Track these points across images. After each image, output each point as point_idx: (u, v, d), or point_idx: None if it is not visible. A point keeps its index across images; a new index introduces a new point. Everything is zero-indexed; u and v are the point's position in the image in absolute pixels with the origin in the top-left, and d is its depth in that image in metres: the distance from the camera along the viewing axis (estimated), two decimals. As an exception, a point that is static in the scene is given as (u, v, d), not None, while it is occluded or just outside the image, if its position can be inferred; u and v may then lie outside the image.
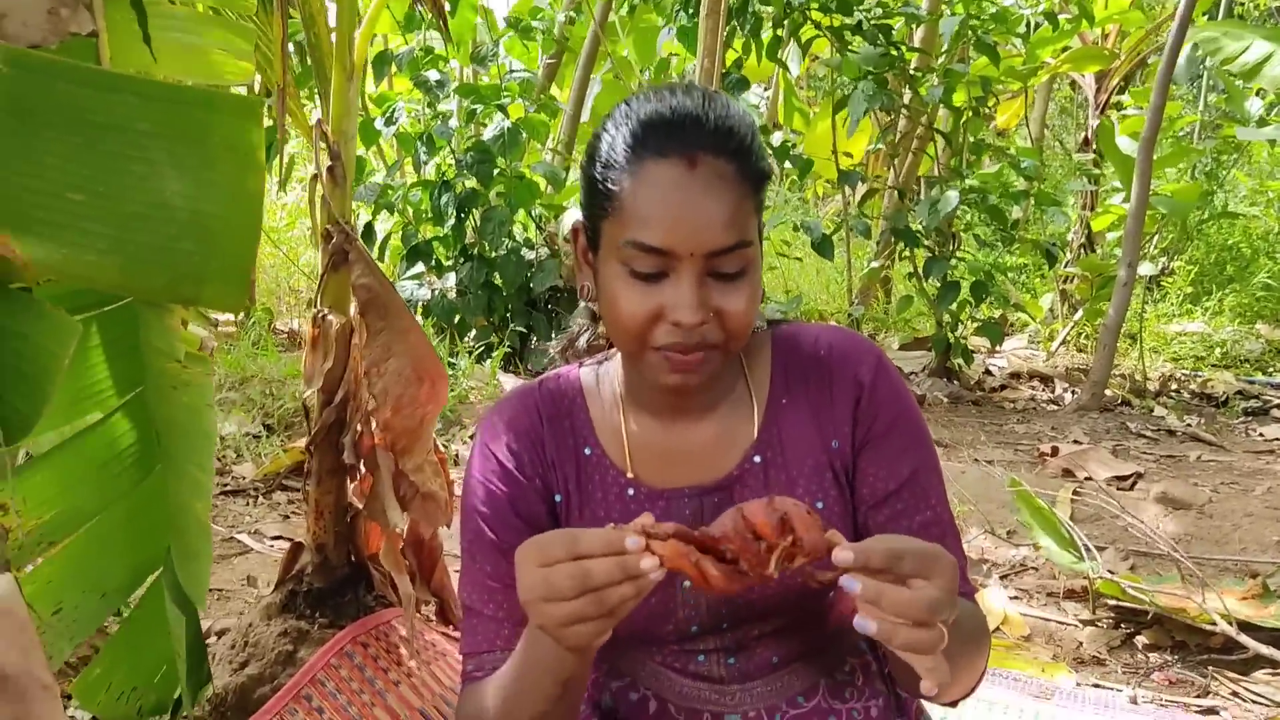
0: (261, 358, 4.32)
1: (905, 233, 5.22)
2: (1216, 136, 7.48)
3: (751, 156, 1.03)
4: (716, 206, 0.99)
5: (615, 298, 1.03)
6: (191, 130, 1.42)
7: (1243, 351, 6.39)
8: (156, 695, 1.86)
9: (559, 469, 1.15)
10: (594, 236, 1.07)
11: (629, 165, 1.01)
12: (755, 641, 1.16)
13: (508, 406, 1.18)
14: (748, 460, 1.14)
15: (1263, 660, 2.35)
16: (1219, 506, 3.43)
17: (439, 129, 4.69)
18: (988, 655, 1.13)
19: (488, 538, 1.12)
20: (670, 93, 1.05)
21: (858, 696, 1.19)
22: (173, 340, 1.76)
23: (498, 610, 1.12)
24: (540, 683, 1.00)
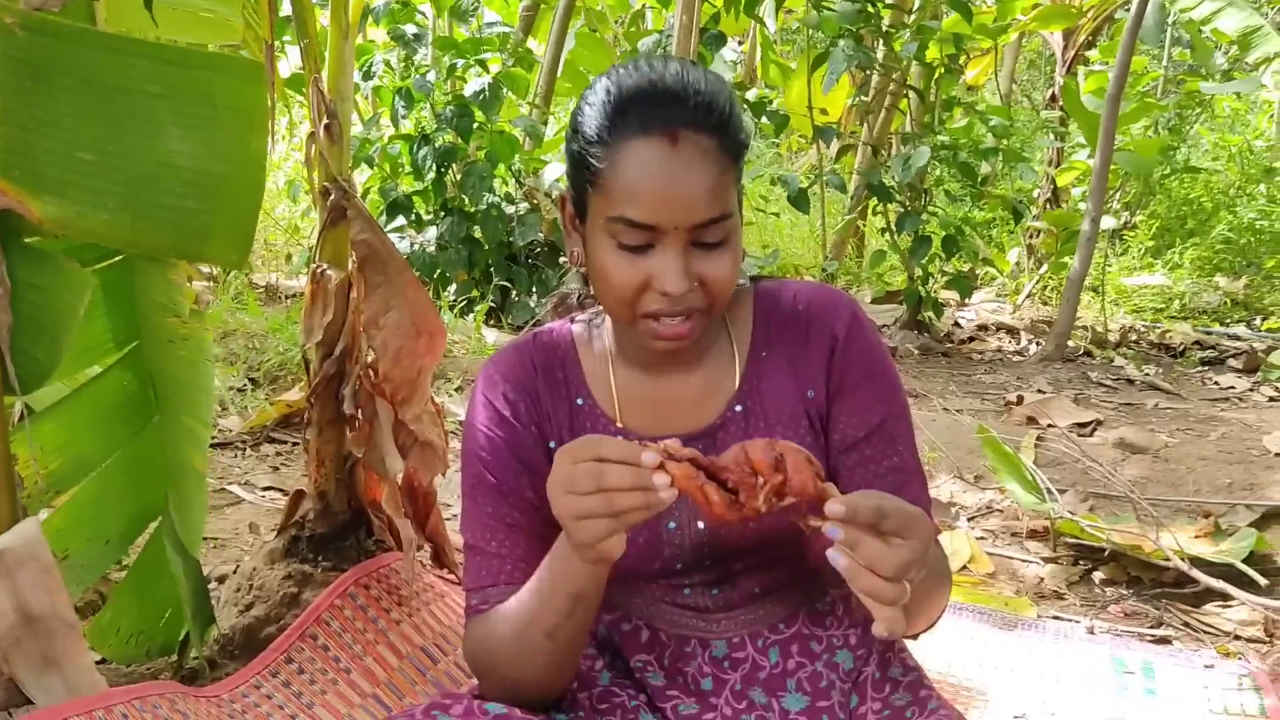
0: (242, 312, 4.35)
1: (879, 188, 5.31)
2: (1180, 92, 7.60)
3: (730, 129, 1.09)
4: (699, 181, 1.05)
5: (605, 269, 1.09)
6: (197, 92, 1.48)
7: (1201, 303, 6.56)
8: (163, 637, 1.94)
9: (553, 418, 1.23)
10: (580, 206, 1.13)
11: (613, 142, 1.06)
12: (737, 575, 1.24)
13: (504, 359, 1.26)
14: (729, 410, 1.22)
15: (1213, 594, 2.49)
16: (1175, 451, 3.58)
17: (418, 83, 4.70)
18: (949, 592, 1.21)
19: (488, 481, 1.20)
20: (650, 67, 1.10)
21: (838, 625, 1.27)
22: (175, 295, 1.82)
23: (500, 547, 1.20)
24: (554, 595, 1.08)
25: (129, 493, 1.85)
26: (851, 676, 1.26)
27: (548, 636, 1.10)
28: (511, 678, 1.16)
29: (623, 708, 1.24)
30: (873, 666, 1.26)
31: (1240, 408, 4.47)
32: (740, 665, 1.24)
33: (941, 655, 2.19)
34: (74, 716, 1.39)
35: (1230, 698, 2.06)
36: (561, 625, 1.09)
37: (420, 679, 1.86)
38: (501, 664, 1.16)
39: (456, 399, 3.81)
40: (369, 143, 5.09)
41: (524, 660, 1.14)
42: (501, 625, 1.15)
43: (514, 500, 1.20)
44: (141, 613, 1.92)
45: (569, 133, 1.13)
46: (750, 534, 1.21)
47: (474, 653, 1.20)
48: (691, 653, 1.25)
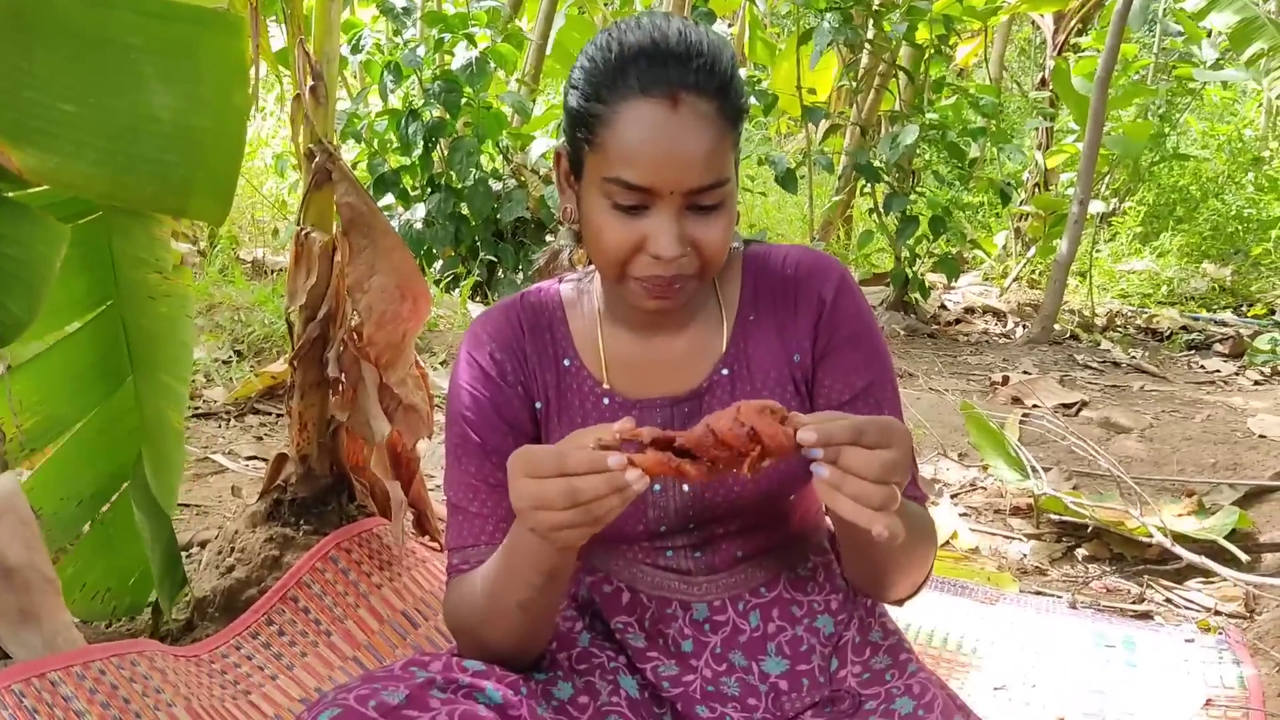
0: (229, 285, 4.33)
1: (866, 168, 5.31)
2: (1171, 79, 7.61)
3: (731, 94, 1.08)
4: (697, 145, 1.04)
5: (598, 228, 1.08)
6: (180, 46, 1.47)
7: (1188, 289, 6.59)
8: (131, 598, 1.94)
9: (539, 378, 1.23)
10: (576, 164, 1.12)
11: (611, 102, 1.05)
12: (720, 539, 1.24)
13: (491, 318, 1.25)
14: (716, 373, 1.22)
15: (1195, 570, 2.51)
16: (1159, 431, 3.60)
17: (406, 57, 4.67)
18: (934, 554, 1.22)
19: (473, 440, 1.20)
20: (654, 24, 1.08)
21: (818, 590, 1.27)
22: (158, 251, 1.81)
23: (482, 508, 1.19)
24: (525, 573, 1.08)
25: (103, 452, 1.84)
26: (832, 641, 1.26)
27: (520, 608, 1.10)
28: (486, 640, 1.16)
29: (602, 668, 1.24)
30: (853, 631, 1.26)
31: (1225, 391, 4.49)
32: (721, 628, 1.24)
33: (923, 627, 2.19)
34: (52, 671, 1.38)
35: (1210, 670, 2.07)
36: (534, 599, 1.09)
37: (401, 643, 1.85)
38: (476, 627, 1.16)
39: (441, 372, 3.80)
40: (356, 118, 5.06)
41: (497, 626, 1.14)
42: (476, 590, 1.15)
43: (497, 460, 1.18)
44: (108, 571, 1.91)
45: (568, 87, 1.12)
46: (734, 498, 1.21)
47: (452, 613, 1.21)
48: (672, 615, 1.25)
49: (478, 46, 4.85)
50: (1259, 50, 5.19)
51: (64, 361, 1.80)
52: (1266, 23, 5.25)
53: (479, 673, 1.12)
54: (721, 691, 1.22)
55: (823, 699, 1.22)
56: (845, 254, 6.44)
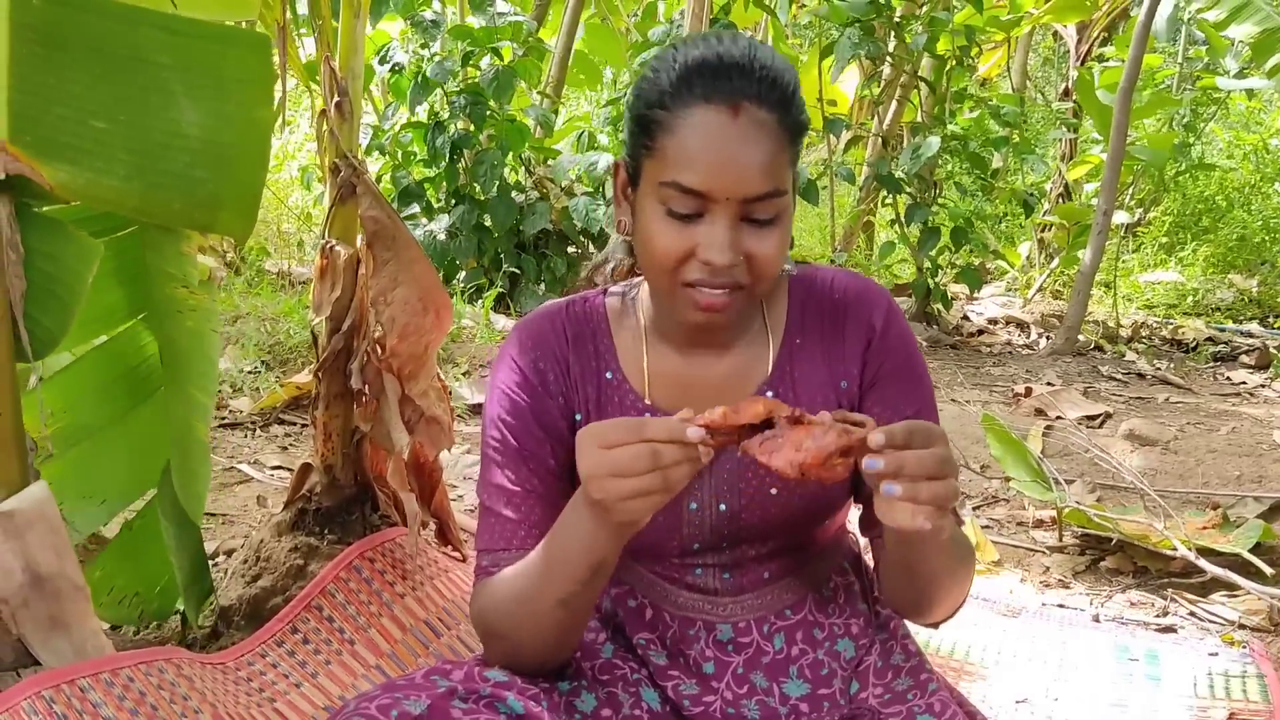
0: (255, 296, 4.38)
1: (888, 179, 5.30)
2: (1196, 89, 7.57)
3: (792, 108, 1.09)
4: (755, 154, 1.05)
5: (651, 234, 1.09)
6: (207, 63, 1.50)
7: (1214, 300, 6.54)
8: (157, 603, 1.95)
9: (580, 389, 1.22)
10: (634, 173, 1.13)
11: (674, 108, 1.06)
12: (751, 560, 1.24)
13: (536, 324, 1.24)
14: (760, 394, 1.21)
15: (1219, 584, 2.48)
16: (1184, 444, 3.57)
17: (433, 70, 4.71)
18: (972, 575, 1.22)
19: (510, 445, 1.20)
20: (719, 40, 1.10)
21: (839, 613, 1.28)
22: (185, 266, 1.83)
23: (515, 513, 1.19)
24: (572, 565, 1.07)
25: (129, 459, 1.86)
26: (852, 665, 1.26)
27: (561, 605, 1.10)
28: (518, 643, 1.15)
29: (624, 680, 1.24)
30: (874, 656, 1.26)
31: (1251, 403, 4.45)
32: (744, 649, 1.24)
33: (945, 640, 2.19)
34: (81, 678, 1.41)
35: (1234, 684, 2.05)
36: (577, 594, 1.09)
37: (423, 651, 1.87)
38: (509, 629, 1.15)
39: (464, 383, 3.82)
40: (381, 131, 5.11)
41: (533, 626, 1.13)
42: (511, 591, 1.14)
43: (534, 466, 1.19)
44: (135, 575, 1.93)
45: (630, 99, 1.14)
46: (770, 518, 1.21)
47: (481, 616, 1.20)
48: (695, 635, 1.25)
49: (503, 60, 4.89)
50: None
51: (95, 372, 1.83)
52: (1291, 33, 5.22)
53: (500, 683, 1.12)
54: (742, 714, 1.22)
55: (843, 718, 1.23)
56: (867, 265, 6.43)
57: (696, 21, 4.07)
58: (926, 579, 1.15)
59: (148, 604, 1.93)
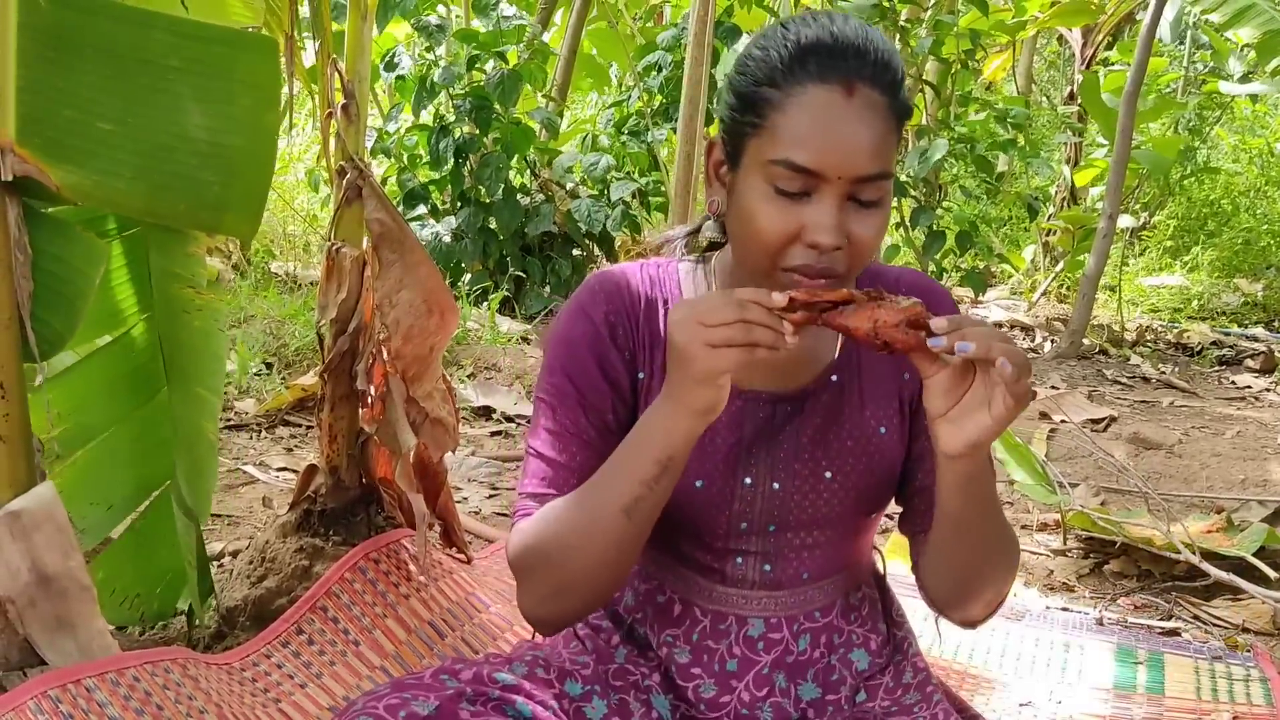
0: (261, 298, 4.39)
1: (893, 183, 5.30)
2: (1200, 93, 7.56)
3: (901, 91, 1.09)
4: (868, 134, 1.05)
5: (754, 213, 1.07)
6: (215, 67, 1.51)
7: (1219, 304, 6.53)
8: (159, 604, 1.96)
9: (647, 349, 1.21)
10: (735, 152, 1.11)
11: (786, 85, 1.05)
12: (792, 552, 1.23)
13: (610, 278, 1.23)
14: (825, 377, 1.21)
15: (1224, 587, 2.49)
16: (1189, 447, 3.57)
17: (439, 74, 4.73)
18: (1014, 576, 1.21)
19: (570, 391, 1.17)
20: (830, 19, 1.09)
21: (860, 623, 1.28)
22: (193, 266, 1.85)
23: (571, 460, 1.17)
24: (641, 462, 1.07)
25: (134, 460, 1.87)
26: (862, 677, 1.27)
27: (625, 513, 1.08)
28: (571, 569, 1.12)
29: (636, 686, 1.23)
30: (888, 677, 1.27)
31: (1256, 406, 4.45)
32: (774, 648, 1.24)
33: (950, 642, 2.19)
34: (87, 678, 1.41)
35: (1238, 688, 2.06)
36: (643, 498, 1.07)
37: (428, 653, 1.87)
38: (562, 552, 1.12)
39: (469, 385, 3.83)
40: (386, 134, 5.12)
41: (588, 545, 1.10)
42: (567, 510, 1.12)
43: (593, 418, 1.18)
44: (138, 576, 1.94)
45: (733, 75, 1.12)
46: (821, 506, 1.21)
47: (527, 548, 1.15)
48: (725, 630, 1.24)
49: (508, 64, 4.90)
50: (1285, 62, 5.16)
51: (100, 371, 1.84)
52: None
53: (509, 686, 1.11)
54: (755, 715, 1.23)
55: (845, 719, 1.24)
56: (872, 268, 6.43)
57: (700, 24, 4.08)
58: (974, 553, 1.14)
59: (149, 605, 1.93)
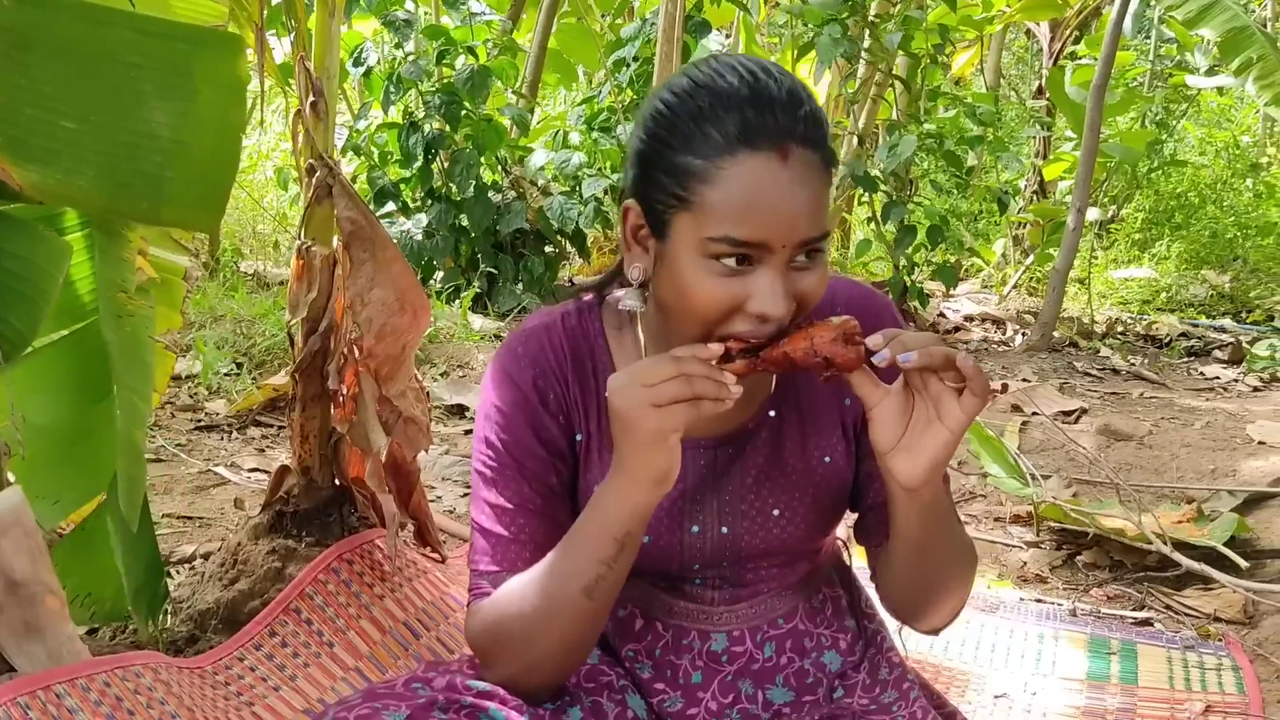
0: (231, 298, 4.35)
1: (864, 178, 5.32)
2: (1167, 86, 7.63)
3: (829, 143, 1.04)
4: (807, 198, 0.99)
5: (693, 289, 1.01)
6: (178, 64, 1.49)
7: (1187, 296, 6.60)
8: (111, 604, 1.92)
9: (581, 409, 1.17)
10: (659, 224, 1.04)
11: (715, 156, 0.98)
12: (750, 573, 1.23)
13: (531, 339, 1.18)
14: (763, 413, 1.19)
15: (1195, 577, 2.51)
16: (1159, 438, 3.60)
17: (408, 70, 4.69)
18: (973, 576, 1.21)
19: (509, 462, 1.14)
20: (749, 71, 1.01)
21: (827, 625, 1.28)
22: (124, 271, 1.80)
23: (520, 533, 1.14)
24: (597, 542, 1.05)
25: (79, 460, 1.83)
26: (835, 676, 1.26)
27: (585, 594, 1.06)
28: (534, 651, 1.10)
29: (610, 687, 1.22)
30: (863, 674, 1.26)
31: (1224, 397, 4.50)
32: (737, 659, 1.24)
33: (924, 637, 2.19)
34: (57, 683, 1.39)
35: (1210, 677, 2.08)
36: (604, 577, 1.05)
37: (403, 653, 1.86)
38: (525, 636, 1.10)
39: (442, 383, 3.81)
40: (357, 132, 5.08)
41: (551, 628, 1.08)
42: (526, 594, 1.09)
43: (536, 485, 1.15)
44: (87, 576, 1.89)
45: (645, 141, 1.04)
46: (772, 540, 1.20)
47: (486, 632, 1.13)
48: (688, 645, 1.23)
49: (478, 60, 4.88)
50: (1248, 59, 5.21)
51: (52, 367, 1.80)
52: (1256, 32, 5.28)
53: (483, 693, 1.09)
54: None
55: (822, 716, 1.23)
56: (843, 263, 6.45)
57: (670, 20, 4.07)
58: (937, 569, 1.14)
59: (100, 605, 1.89)
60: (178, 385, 3.57)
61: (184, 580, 2.12)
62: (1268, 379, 4.79)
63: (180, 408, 3.47)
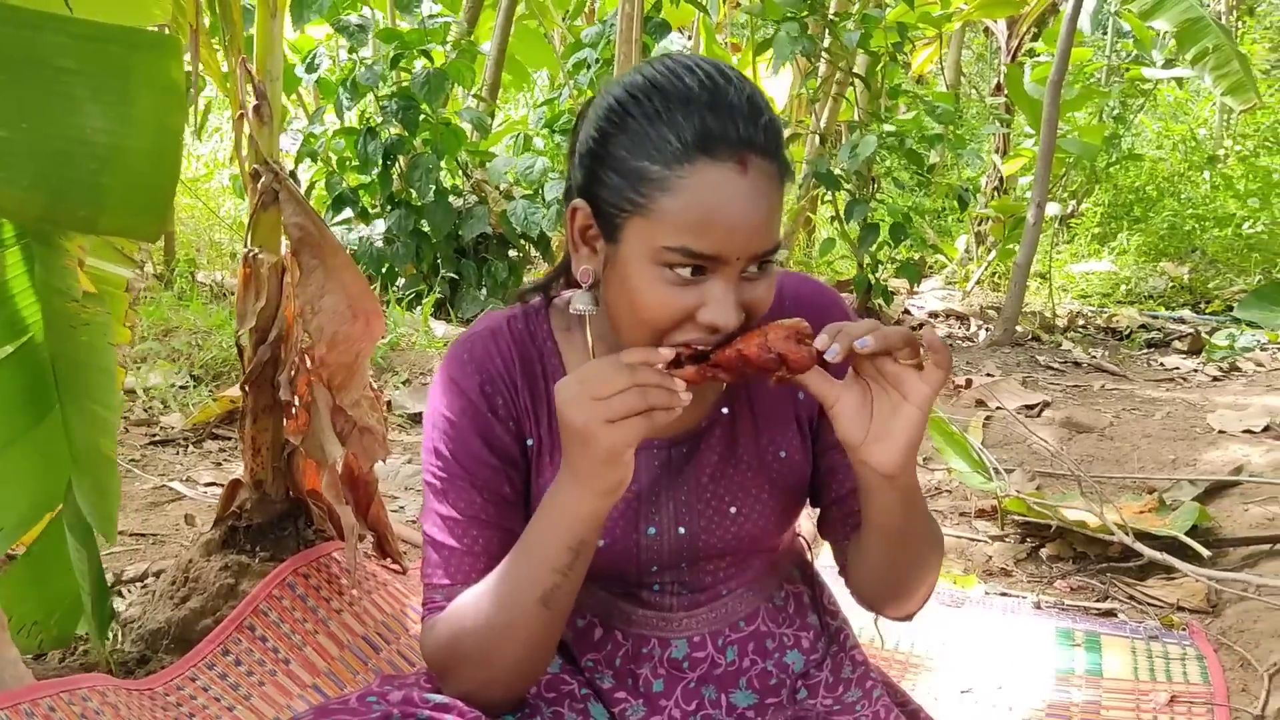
0: (185, 309, 4.28)
1: (826, 176, 5.33)
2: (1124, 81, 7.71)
3: (785, 153, 1.02)
4: (764, 209, 0.97)
5: (644, 297, 0.99)
6: (113, 68, 1.45)
7: (1147, 288, 6.67)
8: (58, 629, 1.88)
9: (532, 413, 1.15)
10: (610, 226, 1.02)
11: (673, 163, 0.96)
12: (709, 575, 1.22)
13: (477, 344, 1.16)
14: (716, 412, 1.17)
15: (1158, 567, 2.52)
16: (1120, 430, 3.62)
17: (363, 75, 4.64)
18: (940, 562, 1.19)
19: (459, 472, 1.12)
20: (708, 75, 0.98)
21: (789, 624, 1.26)
22: (69, 280, 1.76)
23: (473, 544, 1.12)
24: (551, 550, 1.02)
25: (27, 481, 1.78)
26: (799, 676, 1.25)
27: (542, 604, 1.04)
28: (492, 665, 1.08)
29: (571, 696, 1.20)
30: (826, 671, 1.25)
31: (1184, 387, 4.54)
32: (699, 665, 1.22)
33: (891, 632, 2.19)
34: (0, 710, 1.35)
35: (1174, 666, 2.08)
36: (559, 585, 1.03)
37: (362, 668, 1.83)
38: (482, 649, 1.08)
39: (404, 391, 3.77)
40: (313, 137, 5.02)
41: (510, 640, 1.06)
42: (481, 606, 1.07)
43: (487, 495, 1.13)
44: (37, 603, 1.85)
45: (594, 139, 1.02)
46: (729, 539, 1.18)
47: (442, 647, 1.11)
48: (649, 654, 1.22)
49: (434, 63, 4.83)
50: (1204, 49, 5.27)
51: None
52: (1211, 23, 5.34)
53: (440, 705, 1.06)
54: None
55: (787, 719, 1.22)
56: (808, 261, 6.46)
57: (628, 22, 4.05)
58: (913, 555, 1.13)
59: (48, 631, 1.85)
60: (131, 399, 3.50)
61: (135, 600, 2.08)
62: (1227, 368, 4.84)
63: (134, 422, 3.40)
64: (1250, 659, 2.05)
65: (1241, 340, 5.16)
